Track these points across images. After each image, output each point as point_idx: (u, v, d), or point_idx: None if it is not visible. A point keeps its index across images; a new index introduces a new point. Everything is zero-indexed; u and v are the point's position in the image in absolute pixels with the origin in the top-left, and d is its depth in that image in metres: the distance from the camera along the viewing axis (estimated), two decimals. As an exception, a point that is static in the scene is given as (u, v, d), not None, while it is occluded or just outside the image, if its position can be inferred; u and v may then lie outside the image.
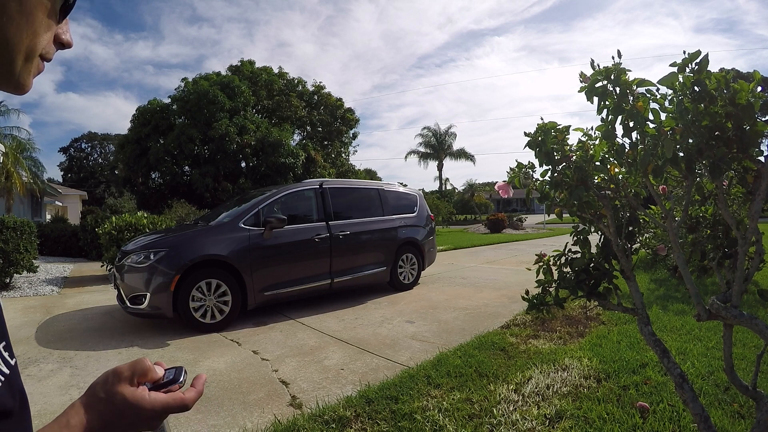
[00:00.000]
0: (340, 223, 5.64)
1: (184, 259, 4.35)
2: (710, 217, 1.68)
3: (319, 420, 2.39)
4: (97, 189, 39.79)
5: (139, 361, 0.53)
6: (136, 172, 19.78)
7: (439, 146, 40.70)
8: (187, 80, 20.34)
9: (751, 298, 4.37)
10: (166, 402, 0.51)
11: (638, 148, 1.37)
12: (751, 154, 1.22)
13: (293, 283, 5.06)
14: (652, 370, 2.84)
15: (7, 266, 6.62)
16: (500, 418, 2.35)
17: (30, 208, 18.25)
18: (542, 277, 1.74)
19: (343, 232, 5.58)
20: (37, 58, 0.44)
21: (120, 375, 0.51)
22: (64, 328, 4.61)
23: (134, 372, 0.51)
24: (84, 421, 0.48)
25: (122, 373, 0.51)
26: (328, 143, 24.23)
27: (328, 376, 3.18)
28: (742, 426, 2.14)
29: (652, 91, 1.32)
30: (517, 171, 1.70)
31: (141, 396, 0.50)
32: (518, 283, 6.74)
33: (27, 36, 0.42)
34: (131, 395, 0.50)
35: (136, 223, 7.62)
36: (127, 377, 0.51)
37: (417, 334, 4.16)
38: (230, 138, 18.03)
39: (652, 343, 1.53)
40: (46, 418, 2.29)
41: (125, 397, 0.49)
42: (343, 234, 5.55)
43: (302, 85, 23.99)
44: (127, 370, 0.51)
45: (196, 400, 0.54)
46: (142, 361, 0.53)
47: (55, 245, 12.49)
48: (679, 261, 1.45)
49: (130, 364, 0.52)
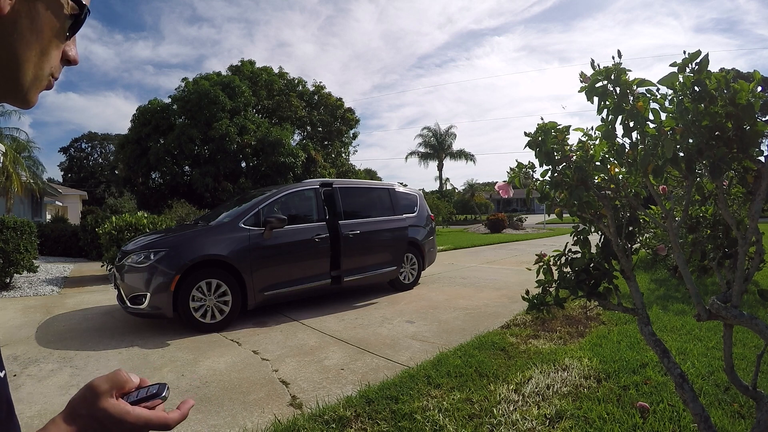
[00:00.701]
0: (350, 222, 5.69)
1: (184, 259, 4.35)
2: (710, 217, 1.68)
3: (319, 420, 2.39)
4: (98, 189, 39.79)
5: (116, 373, 0.52)
6: (136, 172, 19.78)
7: (439, 146, 40.70)
8: (188, 80, 20.37)
9: (751, 298, 4.36)
10: (149, 418, 0.51)
11: (638, 148, 1.37)
12: (751, 154, 1.22)
13: (293, 282, 5.06)
14: (652, 370, 2.84)
15: (7, 266, 6.62)
16: (500, 418, 2.35)
17: (30, 208, 18.25)
18: (542, 277, 1.74)
19: (353, 231, 5.64)
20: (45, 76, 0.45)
21: (98, 390, 0.50)
22: (65, 328, 4.61)
23: (113, 385, 0.51)
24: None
25: (100, 387, 0.50)
26: (328, 143, 24.24)
27: (329, 376, 3.18)
28: (742, 426, 2.14)
29: (652, 91, 1.31)
30: (517, 171, 1.70)
31: (125, 410, 0.50)
32: (518, 283, 6.73)
33: (37, 54, 0.43)
34: (114, 409, 0.49)
35: (136, 223, 7.62)
36: (106, 390, 0.50)
37: (417, 334, 4.16)
38: (230, 138, 18.04)
39: (653, 343, 1.53)
40: (46, 418, 2.28)
41: (108, 411, 0.49)
42: (353, 233, 5.61)
43: (302, 85, 24.00)
44: (105, 384, 0.51)
45: (179, 422, 0.53)
46: (119, 373, 0.52)
47: (55, 245, 12.49)
48: (680, 261, 1.45)
49: (108, 377, 0.52)
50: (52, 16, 0.43)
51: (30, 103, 0.46)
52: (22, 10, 0.41)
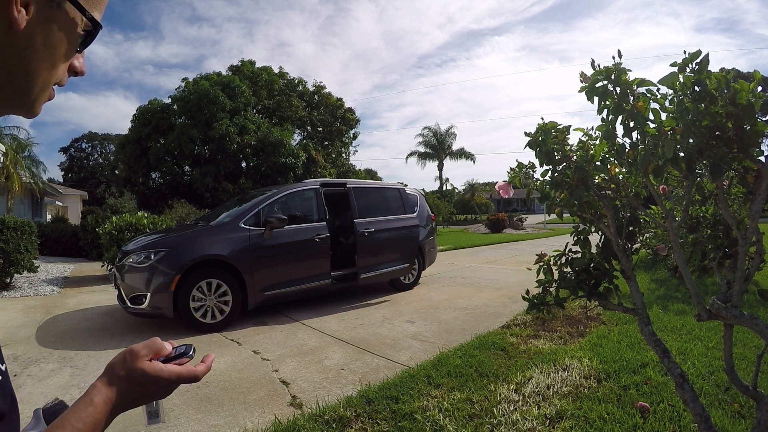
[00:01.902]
0: (364, 220, 5.79)
1: (185, 259, 4.35)
2: (710, 217, 1.68)
3: (319, 420, 2.39)
4: (98, 189, 39.78)
5: (153, 341, 0.60)
6: (136, 172, 19.78)
7: (439, 146, 40.70)
8: (188, 80, 20.35)
9: (752, 298, 4.36)
10: (180, 373, 0.58)
11: (638, 148, 1.37)
12: (752, 154, 1.22)
13: (293, 282, 5.06)
14: (652, 370, 2.84)
15: (7, 266, 6.62)
16: (500, 418, 2.35)
17: (30, 208, 18.25)
18: (542, 277, 1.74)
19: (368, 229, 5.73)
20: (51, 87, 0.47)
21: (137, 353, 0.57)
22: (65, 328, 4.61)
23: (150, 351, 0.58)
24: (106, 398, 0.53)
25: (139, 352, 0.57)
26: (329, 143, 24.23)
27: (329, 376, 3.18)
28: (742, 426, 2.14)
29: (653, 91, 1.31)
30: (518, 171, 1.69)
31: (159, 368, 0.57)
32: (518, 283, 6.73)
33: (47, 68, 0.45)
34: (150, 369, 0.56)
35: (137, 223, 7.62)
36: (145, 354, 0.57)
37: (417, 334, 4.16)
38: (231, 138, 18.03)
39: (653, 343, 1.53)
40: (46, 418, 2.29)
41: (145, 371, 0.56)
42: (368, 231, 5.71)
43: (302, 85, 23.99)
44: (143, 349, 0.58)
45: (205, 373, 0.61)
46: (156, 341, 0.60)
47: (55, 245, 12.49)
48: (680, 261, 1.45)
49: (145, 344, 0.59)
50: (65, 32, 0.44)
51: (35, 113, 0.48)
52: (38, 26, 0.42)
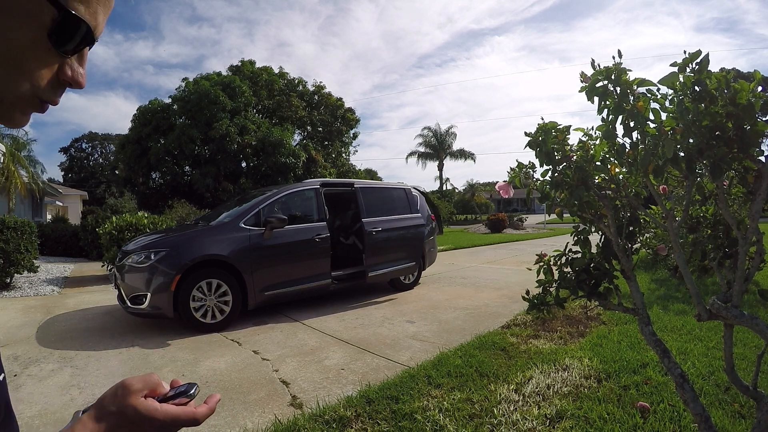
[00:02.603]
0: (372, 220, 5.86)
1: (185, 259, 4.35)
2: (711, 217, 1.68)
3: (319, 420, 2.39)
4: (98, 189, 39.80)
5: (149, 376, 0.53)
6: (136, 172, 19.80)
7: (439, 146, 40.72)
8: (188, 80, 20.39)
9: (752, 298, 4.36)
10: (177, 415, 0.51)
11: (639, 148, 1.37)
12: (752, 154, 1.22)
13: (294, 282, 5.06)
14: (652, 370, 2.84)
15: (7, 266, 6.62)
16: (501, 418, 2.35)
17: (30, 208, 18.25)
18: (543, 277, 1.74)
19: (376, 228, 5.81)
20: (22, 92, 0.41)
21: (129, 388, 0.50)
22: (65, 328, 4.61)
23: (145, 386, 0.52)
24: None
25: (132, 386, 0.51)
26: (329, 143, 24.25)
27: (329, 376, 3.18)
28: (742, 426, 2.14)
29: (653, 90, 1.31)
30: (518, 171, 1.69)
31: (153, 408, 0.50)
32: (519, 283, 6.73)
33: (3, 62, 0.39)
34: (143, 407, 0.50)
35: (137, 223, 7.62)
36: (139, 389, 0.51)
37: (417, 334, 4.16)
38: (231, 138, 18.05)
39: (653, 343, 1.53)
40: (45, 418, 2.28)
41: (137, 409, 0.49)
42: (375, 230, 5.79)
43: (302, 85, 24.01)
44: (138, 383, 0.51)
45: (207, 416, 0.54)
46: (152, 376, 0.53)
47: (55, 245, 12.49)
48: (680, 261, 1.45)
49: (141, 378, 0.52)
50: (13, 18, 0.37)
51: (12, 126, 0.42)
52: None
